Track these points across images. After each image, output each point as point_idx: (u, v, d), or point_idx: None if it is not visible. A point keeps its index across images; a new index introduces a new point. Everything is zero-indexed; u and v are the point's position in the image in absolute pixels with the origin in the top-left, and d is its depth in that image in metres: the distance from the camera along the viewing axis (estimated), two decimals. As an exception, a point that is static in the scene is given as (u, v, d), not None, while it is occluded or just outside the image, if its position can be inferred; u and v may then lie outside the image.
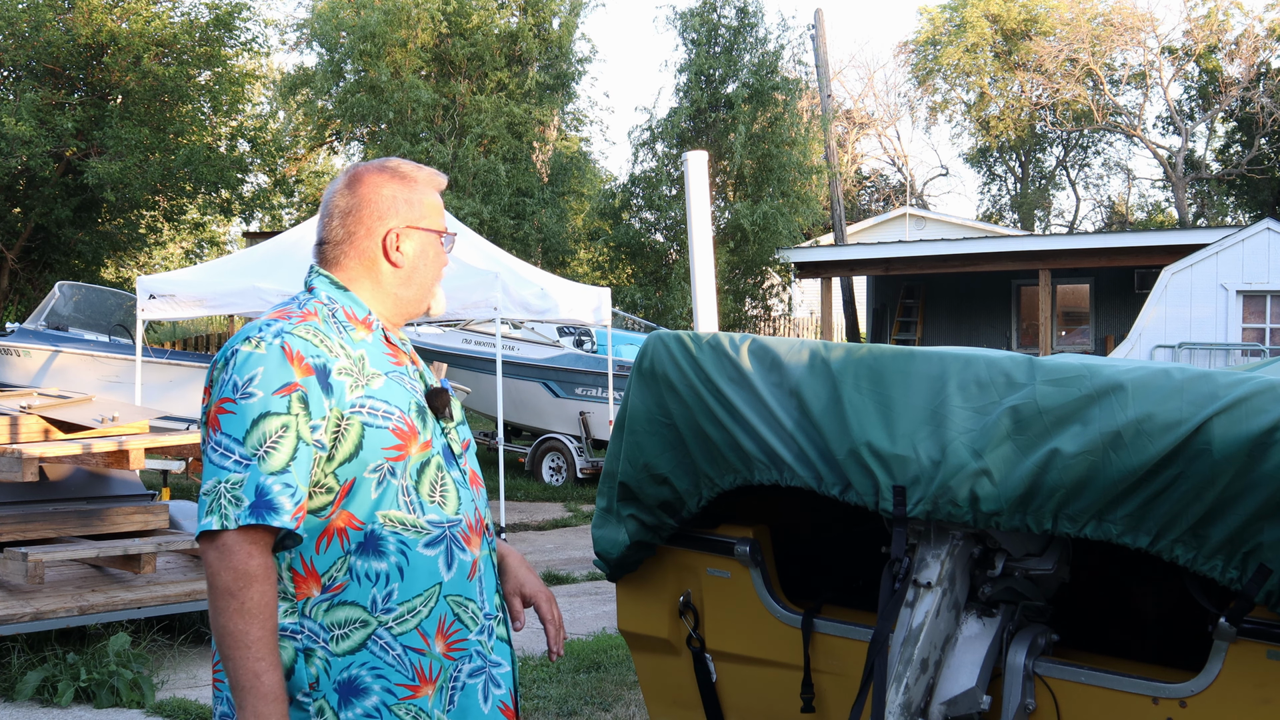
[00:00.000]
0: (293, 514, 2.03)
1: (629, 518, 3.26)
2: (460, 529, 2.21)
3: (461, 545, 2.20)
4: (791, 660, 3.13)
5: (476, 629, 2.20)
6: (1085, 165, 39.81)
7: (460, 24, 21.97)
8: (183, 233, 24.31)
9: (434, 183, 2.34)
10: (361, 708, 2.07)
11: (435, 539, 2.16)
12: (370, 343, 2.23)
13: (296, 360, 2.07)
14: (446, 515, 2.19)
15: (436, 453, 2.21)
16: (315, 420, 2.06)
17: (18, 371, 13.73)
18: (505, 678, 2.25)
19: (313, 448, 2.06)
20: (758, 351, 3.14)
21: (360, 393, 2.13)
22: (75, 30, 18.96)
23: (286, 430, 2.03)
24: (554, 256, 22.21)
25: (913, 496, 2.80)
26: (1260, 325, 16.79)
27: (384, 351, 2.24)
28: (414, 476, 2.16)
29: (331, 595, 2.08)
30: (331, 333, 2.17)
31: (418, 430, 2.17)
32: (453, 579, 2.17)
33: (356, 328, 2.22)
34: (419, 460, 2.17)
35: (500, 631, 2.28)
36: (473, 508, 2.26)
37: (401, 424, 2.15)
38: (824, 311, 22.14)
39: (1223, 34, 31.76)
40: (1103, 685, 2.71)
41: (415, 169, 2.32)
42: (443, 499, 2.19)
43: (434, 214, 2.32)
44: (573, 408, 14.51)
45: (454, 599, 2.17)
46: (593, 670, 6.23)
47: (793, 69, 24.21)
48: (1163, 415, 2.56)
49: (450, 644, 2.15)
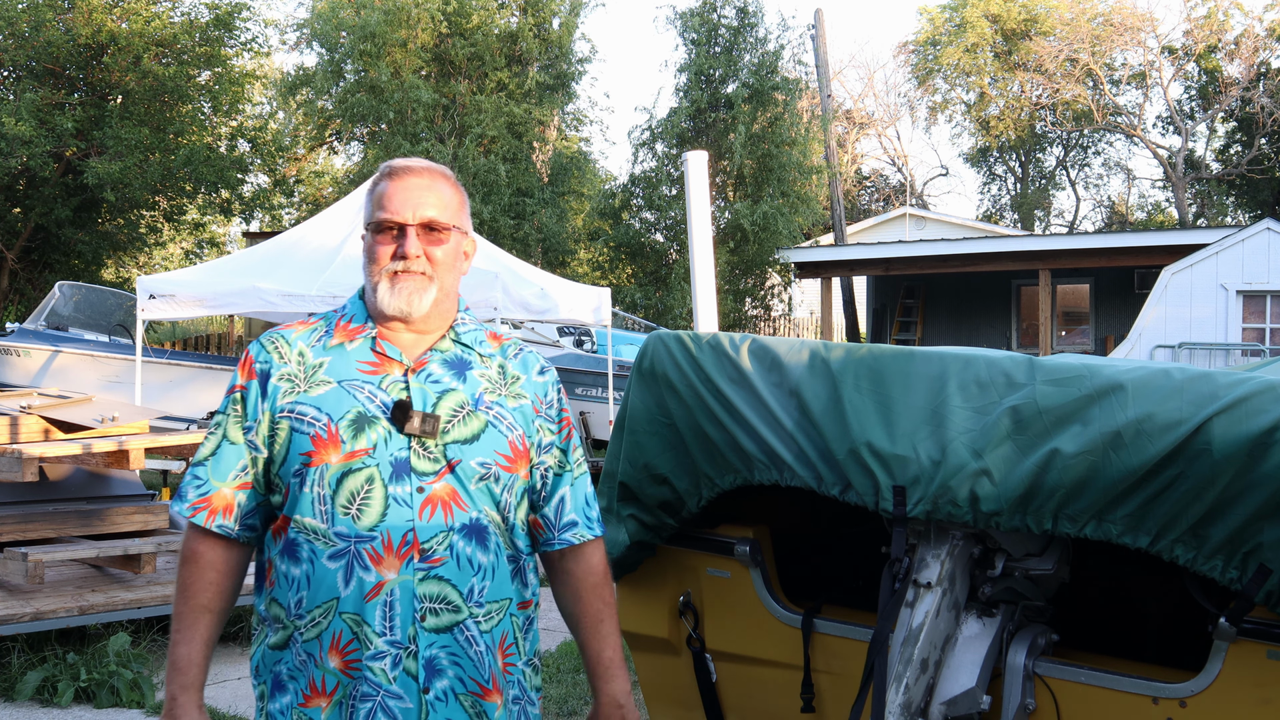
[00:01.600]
0: (193, 504, 2.16)
1: (629, 518, 3.26)
2: (370, 546, 2.09)
3: (366, 564, 2.08)
4: (791, 660, 3.13)
5: (370, 652, 2.07)
6: (1085, 165, 39.82)
7: (460, 24, 21.97)
8: (183, 233, 24.31)
9: (396, 171, 2.24)
10: (279, 704, 2.14)
11: (338, 552, 2.09)
12: (347, 350, 2.19)
13: (246, 366, 2.21)
14: (357, 529, 2.09)
15: (374, 465, 2.10)
16: (249, 422, 2.17)
17: (18, 371, 13.73)
18: (406, 713, 2.08)
19: (243, 447, 2.17)
20: (758, 351, 3.14)
21: (292, 398, 2.14)
22: (75, 30, 18.96)
23: (218, 428, 2.20)
24: (554, 256, 22.21)
25: (913, 496, 2.80)
26: (1260, 325, 16.79)
27: (359, 360, 2.19)
28: (332, 485, 2.10)
29: (272, 591, 2.17)
30: (304, 340, 2.21)
31: (341, 440, 2.10)
32: (348, 596, 2.08)
33: (337, 336, 2.21)
34: (339, 470, 2.10)
35: (410, 664, 2.09)
36: (405, 528, 2.09)
37: (323, 431, 2.11)
38: (824, 311, 22.14)
39: (1223, 34, 31.76)
40: (1103, 685, 2.71)
41: (390, 163, 2.26)
42: (359, 512, 2.09)
43: (376, 204, 2.22)
44: (573, 408, 14.51)
45: (349, 617, 2.09)
46: (593, 670, 6.22)
47: (793, 69, 24.24)
48: (1163, 415, 2.56)
49: (346, 662, 2.09)
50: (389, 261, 2.18)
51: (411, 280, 2.18)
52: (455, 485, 2.13)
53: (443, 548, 2.11)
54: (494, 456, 2.17)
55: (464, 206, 2.29)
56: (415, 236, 2.18)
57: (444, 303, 2.22)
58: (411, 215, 2.17)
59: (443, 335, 2.24)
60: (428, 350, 2.22)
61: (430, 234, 2.19)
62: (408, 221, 2.18)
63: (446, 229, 2.21)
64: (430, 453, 2.12)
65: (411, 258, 2.17)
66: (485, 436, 2.17)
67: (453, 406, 2.17)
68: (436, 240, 2.20)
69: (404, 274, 2.18)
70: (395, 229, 2.18)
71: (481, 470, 2.15)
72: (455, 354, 2.23)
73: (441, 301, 2.21)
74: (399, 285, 2.17)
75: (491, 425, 2.18)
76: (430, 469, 2.12)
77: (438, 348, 2.23)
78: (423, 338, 2.22)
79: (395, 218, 2.18)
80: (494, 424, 2.18)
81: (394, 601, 2.08)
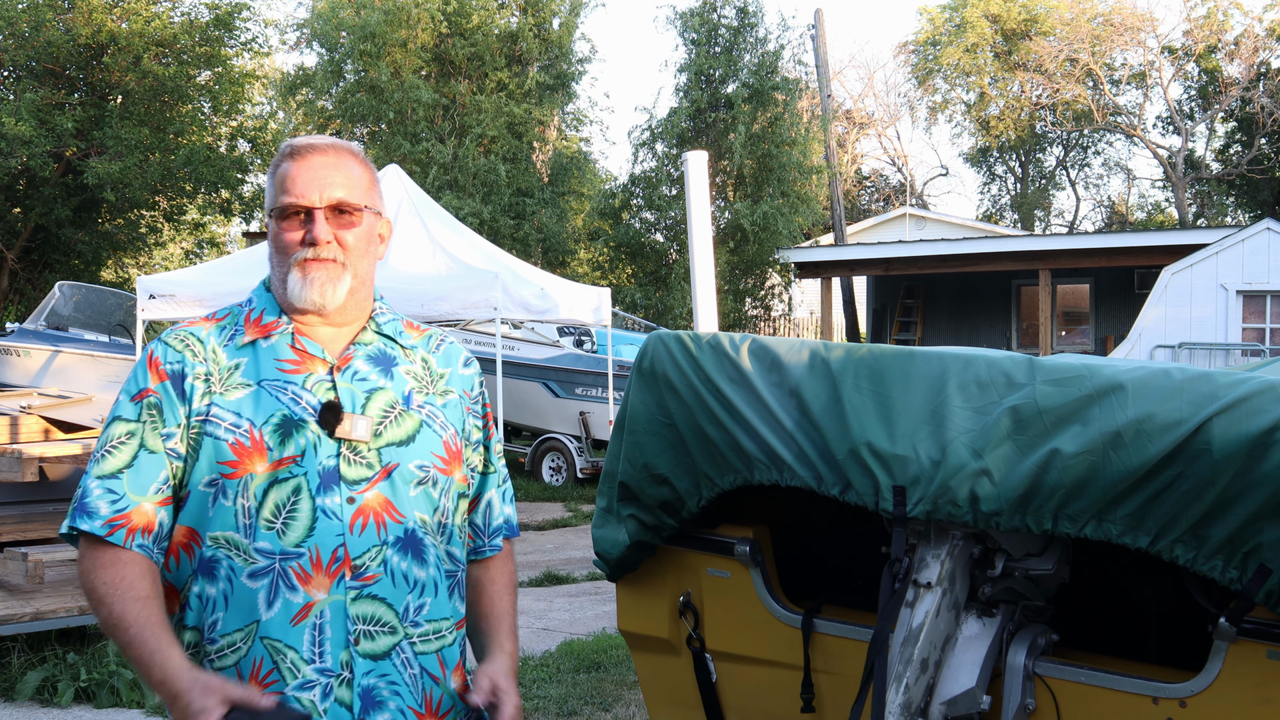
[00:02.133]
0: (107, 520, 1.90)
1: (629, 518, 3.26)
2: (296, 564, 1.89)
3: (292, 583, 1.88)
4: (791, 660, 3.13)
5: (297, 683, 1.88)
6: (1085, 165, 39.83)
7: (460, 24, 21.98)
8: (183, 233, 24.32)
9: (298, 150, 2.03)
10: None
11: (260, 570, 1.89)
12: (263, 349, 2.00)
13: (154, 366, 1.98)
14: (282, 546, 1.89)
15: (300, 475, 1.91)
16: (169, 428, 1.95)
17: (18, 371, 13.73)
18: None
19: (164, 456, 1.94)
20: (758, 351, 3.14)
21: (207, 401, 1.95)
22: (75, 30, 18.96)
23: (131, 437, 1.95)
24: (554, 256, 22.22)
25: (913, 496, 2.79)
26: (1260, 325, 16.79)
27: (278, 358, 1.99)
28: (258, 497, 1.90)
29: (183, 615, 1.96)
30: (215, 337, 2.01)
31: (267, 447, 1.91)
32: (271, 619, 1.88)
33: (249, 332, 2.01)
34: (265, 480, 1.91)
35: (343, 694, 1.90)
36: (334, 544, 1.90)
37: (245, 438, 1.92)
38: (824, 311, 22.14)
39: (1223, 34, 31.76)
40: (1103, 685, 2.71)
41: (291, 141, 2.05)
42: (284, 527, 1.90)
43: (279, 188, 2.01)
44: (573, 408, 14.51)
45: (270, 642, 1.89)
46: (593, 670, 6.23)
47: (793, 69, 24.24)
48: (1163, 415, 2.56)
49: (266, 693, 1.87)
50: (297, 249, 1.99)
51: (323, 269, 1.99)
52: (389, 493, 1.95)
53: (376, 563, 1.92)
54: (430, 458, 2.01)
55: (375, 185, 2.09)
56: (324, 220, 1.99)
57: (360, 291, 2.04)
58: (318, 197, 1.98)
59: (363, 327, 2.06)
60: (350, 344, 2.04)
61: (340, 217, 2.01)
62: (315, 204, 1.98)
63: (357, 210, 2.02)
64: (363, 458, 1.95)
65: (321, 243, 1.98)
66: (421, 437, 2.01)
67: (383, 406, 2.00)
68: (347, 223, 2.01)
69: (314, 262, 1.99)
70: (302, 213, 1.99)
71: (420, 474, 1.99)
72: (379, 348, 2.06)
73: (357, 290, 2.03)
74: (310, 275, 1.98)
75: (426, 425, 2.02)
76: (361, 476, 1.94)
77: (360, 341, 2.05)
78: (342, 331, 2.04)
79: (301, 201, 1.98)
80: (428, 423, 2.02)
81: (324, 624, 1.89)
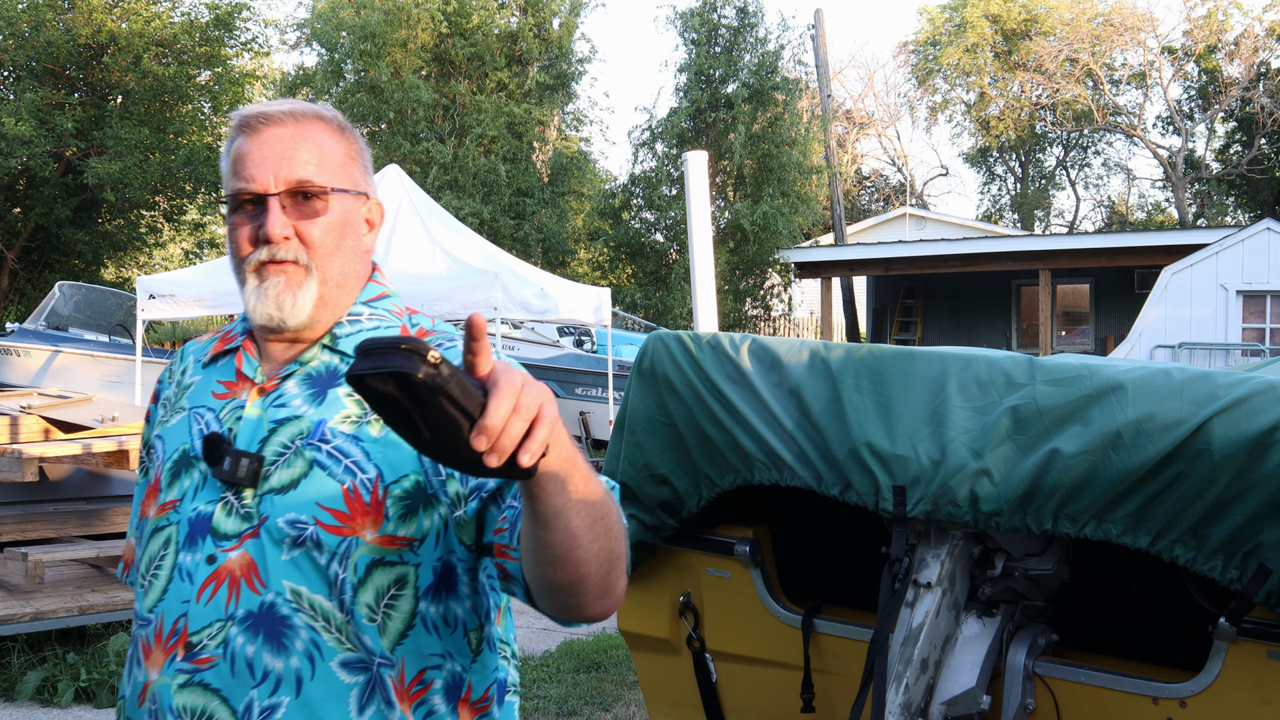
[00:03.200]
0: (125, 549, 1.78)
1: (629, 518, 3.26)
2: (145, 633, 1.55)
3: (139, 656, 1.55)
4: (791, 660, 3.13)
5: None
6: (1085, 165, 39.83)
7: (460, 24, 21.99)
8: (183, 233, 24.32)
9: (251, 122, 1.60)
10: None
11: (134, 633, 1.60)
12: (218, 367, 1.67)
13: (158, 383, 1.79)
14: (142, 609, 1.57)
15: (175, 523, 1.56)
16: (143, 454, 1.74)
17: (18, 371, 13.73)
18: None
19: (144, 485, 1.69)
20: (758, 351, 3.14)
21: (157, 430, 1.69)
22: (75, 30, 18.96)
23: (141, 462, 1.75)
24: (554, 256, 22.22)
25: (913, 496, 2.79)
26: (1260, 325, 16.79)
27: (220, 379, 1.65)
28: (144, 546, 1.61)
29: None
30: (194, 354, 1.74)
31: (160, 488, 1.60)
32: (128, 697, 1.58)
33: (215, 347, 1.70)
34: (153, 526, 1.59)
35: None
36: (178, 612, 1.51)
37: (154, 476, 1.63)
38: (824, 311, 22.14)
39: (1222, 34, 31.76)
40: (1103, 685, 2.71)
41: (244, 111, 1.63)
42: (149, 586, 1.57)
43: (232, 171, 1.60)
44: (573, 408, 14.52)
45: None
46: (593, 670, 6.23)
47: (793, 69, 24.25)
48: (1163, 415, 2.56)
49: None
50: (249, 249, 1.57)
51: (280, 274, 1.57)
52: (255, 554, 1.51)
53: (215, 643, 1.49)
54: (314, 512, 1.50)
55: (356, 158, 1.65)
56: (279, 210, 1.55)
57: (333, 298, 1.61)
58: (273, 180, 1.55)
59: (316, 340, 1.63)
60: (289, 362, 1.62)
61: (302, 204, 1.57)
62: (268, 190, 1.55)
63: (322, 193, 1.58)
64: (245, 507, 1.53)
65: (277, 240, 1.55)
66: (306, 484, 1.51)
67: (284, 441, 1.55)
68: (311, 212, 1.57)
69: (270, 266, 1.57)
70: (255, 202, 1.57)
71: (292, 533, 1.50)
72: (325, 365, 1.61)
73: (329, 298, 1.60)
74: (265, 283, 1.57)
75: (318, 467, 1.52)
76: (235, 530, 1.52)
77: (303, 358, 1.61)
78: (294, 347, 1.63)
79: (251, 186, 1.56)
80: (322, 465, 1.52)
81: (157, 711, 1.51)
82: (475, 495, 1.51)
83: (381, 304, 1.68)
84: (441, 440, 1.16)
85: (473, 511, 1.51)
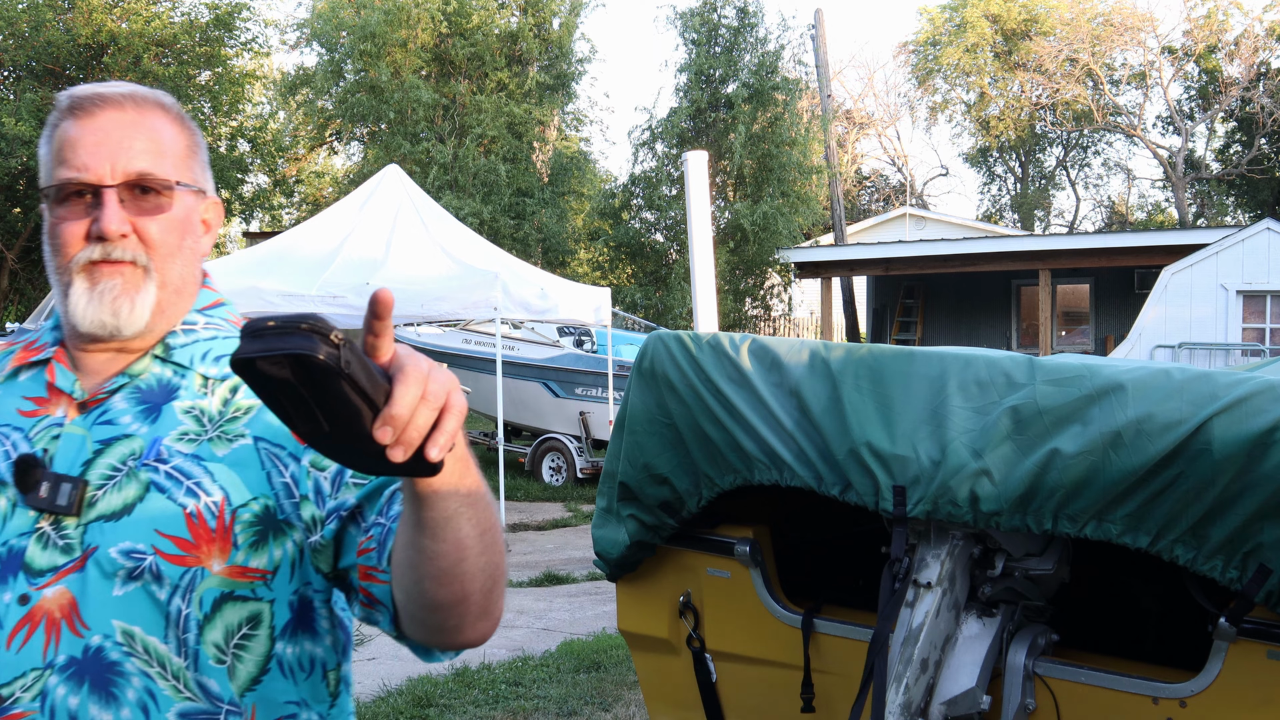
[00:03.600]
0: None
1: (629, 518, 3.26)
2: None
3: None
4: (791, 660, 3.13)
5: None
6: (1085, 165, 39.83)
7: (460, 24, 21.99)
8: (183, 233, 24.31)
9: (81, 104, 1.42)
10: None
11: None
12: (20, 383, 1.46)
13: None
14: None
15: None
16: None
17: (18, 371, 13.73)
18: None
19: None
20: (758, 351, 3.14)
21: None
22: (75, 30, 18.97)
23: None
24: (554, 256, 22.23)
25: (913, 496, 2.79)
26: (1260, 325, 16.79)
27: (26, 395, 1.44)
28: None
29: None
30: None
31: None
32: None
33: (14, 361, 1.48)
34: None
35: None
36: None
37: None
38: (824, 311, 22.14)
39: (1222, 34, 31.77)
40: (1103, 685, 2.71)
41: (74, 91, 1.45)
42: None
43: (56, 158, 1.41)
44: (573, 408, 14.51)
45: None
46: (593, 670, 6.23)
47: (793, 69, 24.24)
48: (1163, 415, 2.56)
49: None
50: (80, 246, 1.39)
51: (116, 276, 1.39)
52: (78, 591, 1.32)
53: (30, 696, 1.30)
54: (153, 540, 1.33)
55: (195, 152, 1.49)
56: (117, 203, 1.38)
57: (171, 305, 1.44)
58: (109, 170, 1.38)
59: (146, 350, 1.45)
60: (115, 375, 1.43)
61: (142, 199, 1.41)
62: (104, 181, 1.38)
63: (166, 188, 1.42)
64: (65, 538, 1.34)
65: (113, 238, 1.38)
66: (143, 509, 1.35)
67: (113, 463, 1.37)
68: (153, 208, 1.41)
69: (105, 266, 1.39)
70: (86, 194, 1.39)
71: (127, 564, 1.32)
72: (157, 379, 1.43)
73: (167, 305, 1.43)
74: (100, 285, 1.39)
75: (155, 490, 1.36)
76: (52, 564, 1.33)
77: (132, 370, 1.43)
78: (120, 358, 1.44)
79: (84, 176, 1.39)
80: (160, 488, 1.35)
81: None
82: (333, 516, 1.37)
83: (217, 312, 1.53)
84: (340, 432, 1.01)
85: (330, 534, 1.37)
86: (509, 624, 7.50)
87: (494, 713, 5.59)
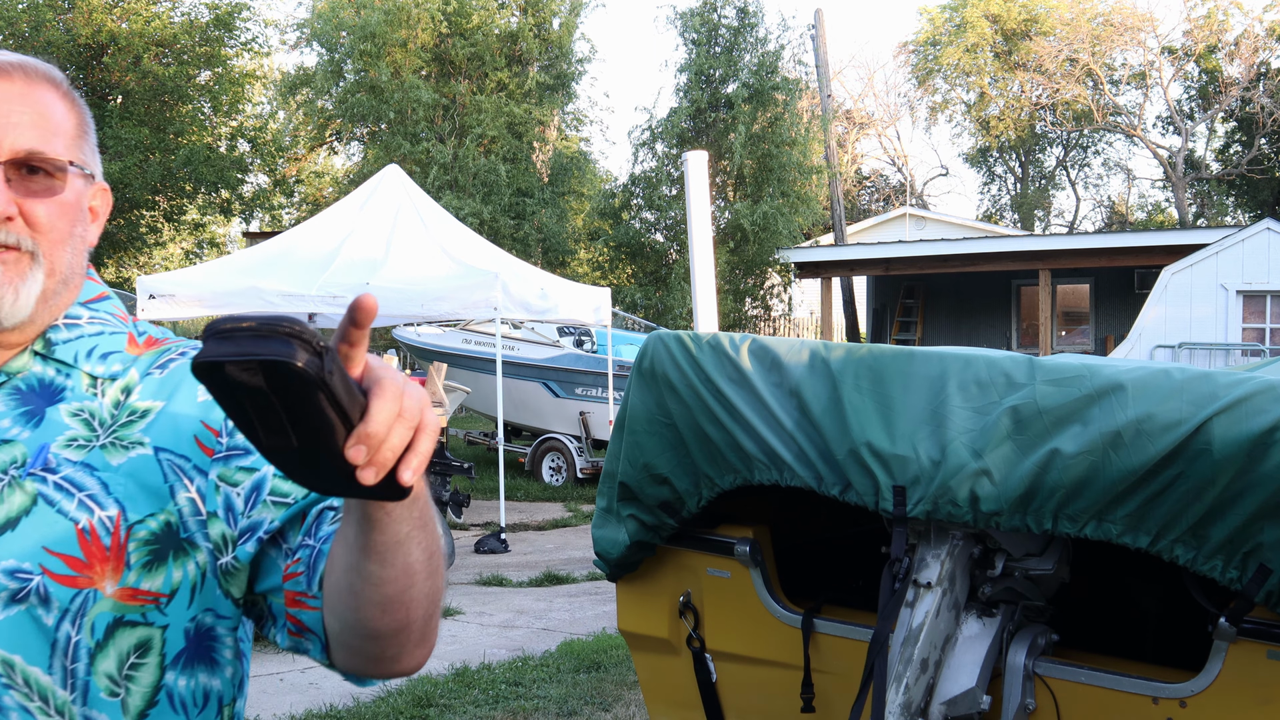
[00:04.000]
0: None
1: (629, 518, 3.26)
2: None
3: None
4: (791, 660, 3.13)
5: None
6: (1085, 165, 39.83)
7: (460, 24, 22.00)
8: (183, 233, 24.33)
9: None
10: None
11: None
12: None
13: None
14: None
15: None
16: None
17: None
18: None
19: None
20: (758, 351, 3.14)
21: None
22: (75, 30, 18.97)
23: None
24: (554, 256, 22.24)
25: (913, 496, 2.79)
26: (1260, 325, 16.79)
27: None
28: None
29: None
30: None
31: None
32: None
33: None
34: None
35: None
36: None
37: None
38: (824, 311, 22.14)
39: (1223, 34, 31.77)
40: (1103, 685, 2.71)
41: None
42: None
43: None
44: (573, 408, 14.51)
45: None
46: (593, 670, 6.23)
47: (793, 69, 24.25)
48: (1163, 415, 2.56)
49: None
50: None
51: None
52: None
53: None
54: (41, 558, 1.20)
55: (86, 133, 1.34)
56: (2, 183, 1.24)
57: (56, 296, 1.31)
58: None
59: (23, 347, 1.30)
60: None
61: (30, 178, 1.26)
62: None
63: (59, 170, 1.28)
64: None
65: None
66: (27, 524, 1.21)
67: None
68: (43, 189, 1.27)
69: None
70: None
71: (12, 585, 1.19)
72: (39, 378, 1.30)
73: (52, 295, 1.30)
74: None
75: (43, 502, 1.22)
76: None
77: (9, 368, 1.29)
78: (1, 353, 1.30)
79: None
80: (49, 500, 1.22)
81: None
82: (249, 537, 1.24)
83: (102, 306, 1.38)
84: (308, 449, 0.91)
85: (247, 556, 1.24)
86: (509, 624, 7.50)
87: (494, 713, 5.59)
